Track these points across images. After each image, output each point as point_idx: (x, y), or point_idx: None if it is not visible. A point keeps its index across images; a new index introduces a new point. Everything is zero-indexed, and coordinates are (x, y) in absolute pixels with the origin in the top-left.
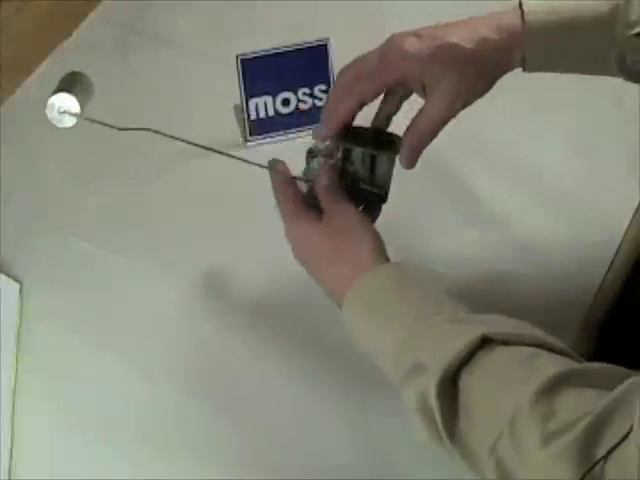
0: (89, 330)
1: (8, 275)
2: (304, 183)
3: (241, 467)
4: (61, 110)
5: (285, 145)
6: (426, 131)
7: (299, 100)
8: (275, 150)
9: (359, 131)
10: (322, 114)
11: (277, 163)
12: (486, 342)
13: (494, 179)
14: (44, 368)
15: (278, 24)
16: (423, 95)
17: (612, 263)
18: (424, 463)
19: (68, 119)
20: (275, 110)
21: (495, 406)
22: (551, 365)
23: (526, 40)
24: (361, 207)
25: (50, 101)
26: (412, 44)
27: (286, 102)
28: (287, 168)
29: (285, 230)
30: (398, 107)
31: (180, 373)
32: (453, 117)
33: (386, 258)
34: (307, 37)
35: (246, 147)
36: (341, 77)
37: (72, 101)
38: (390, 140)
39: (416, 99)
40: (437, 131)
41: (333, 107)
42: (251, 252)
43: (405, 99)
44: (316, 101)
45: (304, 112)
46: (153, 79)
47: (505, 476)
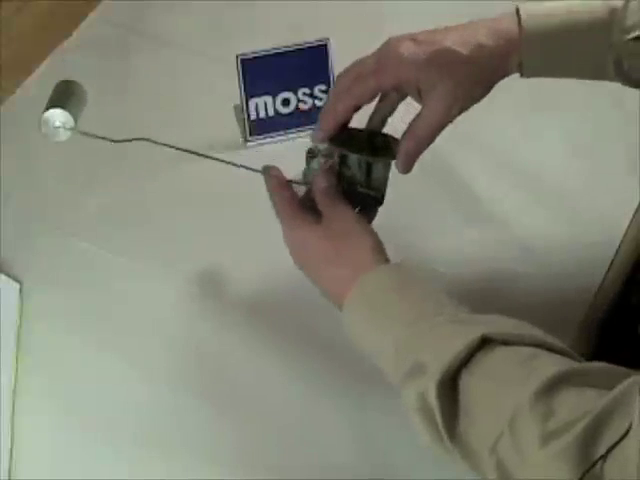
0: (89, 330)
1: (8, 275)
2: (301, 185)
3: (241, 466)
4: (55, 125)
5: (285, 145)
6: (423, 136)
7: (299, 100)
8: (275, 150)
9: (354, 133)
10: (319, 116)
11: (271, 168)
12: (486, 342)
13: (494, 179)
14: (44, 368)
15: (278, 24)
16: (419, 100)
17: (612, 263)
18: (425, 462)
19: (63, 133)
20: (275, 110)
21: (495, 406)
22: (551, 365)
23: (523, 46)
24: (357, 209)
25: (44, 117)
26: (408, 48)
27: (286, 102)
28: (281, 172)
29: (283, 234)
30: (394, 109)
31: (180, 373)
32: (450, 122)
33: (386, 259)
34: (307, 37)
35: (246, 147)
36: (339, 81)
37: (66, 116)
38: (386, 143)
39: (412, 101)
40: (434, 136)
41: (328, 108)
42: (251, 252)
43: (401, 100)
44: (316, 101)
45: (304, 112)
46: (153, 79)
47: (506, 476)
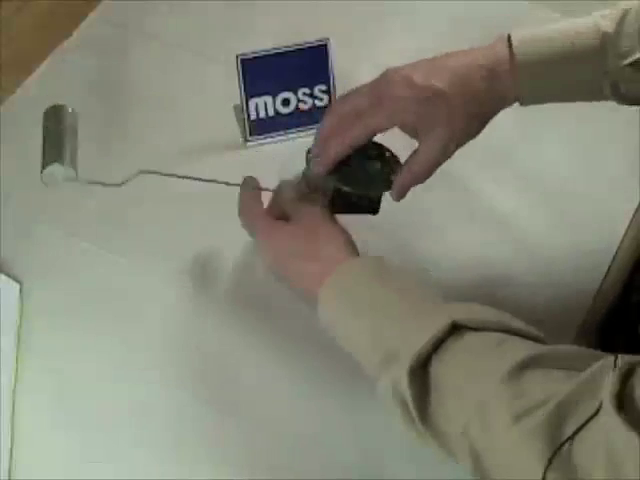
0: (89, 330)
1: (8, 275)
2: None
3: (241, 466)
4: (58, 181)
5: (285, 145)
6: (420, 172)
7: (299, 100)
8: (275, 150)
9: (352, 162)
10: (315, 144)
11: (250, 179)
12: (456, 329)
13: (494, 179)
14: (44, 368)
15: (278, 24)
16: (416, 137)
17: (612, 264)
18: (425, 462)
19: (66, 184)
20: (275, 110)
21: (465, 391)
22: (520, 349)
23: (519, 79)
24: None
25: (45, 175)
26: (404, 92)
27: (286, 102)
28: (258, 182)
29: (255, 242)
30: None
31: (180, 373)
32: (448, 158)
33: (357, 253)
34: (307, 37)
35: (246, 147)
36: (335, 112)
37: (66, 170)
38: (384, 167)
39: None
40: (431, 173)
41: (326, 145)
42: (251, 251)
43: None
44: (316, 101)
45: (304, 112)
46: (153, 79)
47: (478, 460)
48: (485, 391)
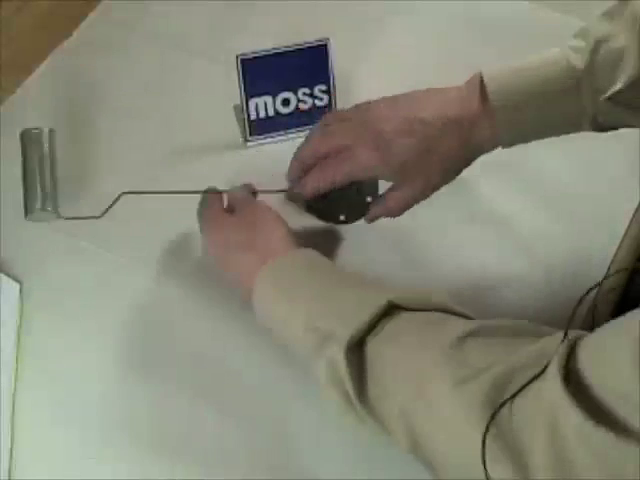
0: (89, 330)
1: (8, 275)
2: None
3: (240, 466)
4: (42, 223)
5: (285, 145)
6: (394, 209)
7: (299, 100)
8: (275, 150)
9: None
10: (291, 169)
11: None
12: (393, 309)
13: (494, 179)
14: (44, 368)
15: (278, 24)
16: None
17: (612, 263)
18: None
19: (50, 222)
20: (275, 110)
21: (403, 369)
22: (460, 325)
23: (497, 129)
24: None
25: (29, 220)
26: (384, 137)
27: (286, 102)
28: (253, 187)
29: (202, 239)
30: None
31: (181, 372)
32: (425, 199)
33: (298, 246)
34: (307, 37)
35: (246, 147)
36: (315, 146)
37: (48, 213)
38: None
39: None
40: (405, 210)
41: (306, 180)
42: None
43: None
44: (316, 101)
45: (304, 112)
46: (153, 79)
47: (414, 439)
48: (424, 361)
